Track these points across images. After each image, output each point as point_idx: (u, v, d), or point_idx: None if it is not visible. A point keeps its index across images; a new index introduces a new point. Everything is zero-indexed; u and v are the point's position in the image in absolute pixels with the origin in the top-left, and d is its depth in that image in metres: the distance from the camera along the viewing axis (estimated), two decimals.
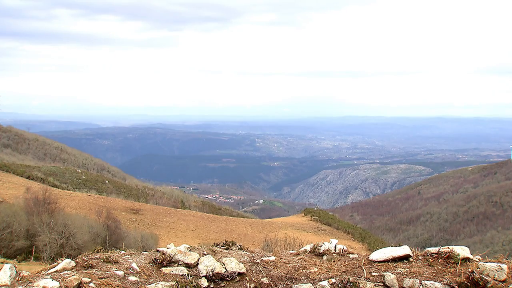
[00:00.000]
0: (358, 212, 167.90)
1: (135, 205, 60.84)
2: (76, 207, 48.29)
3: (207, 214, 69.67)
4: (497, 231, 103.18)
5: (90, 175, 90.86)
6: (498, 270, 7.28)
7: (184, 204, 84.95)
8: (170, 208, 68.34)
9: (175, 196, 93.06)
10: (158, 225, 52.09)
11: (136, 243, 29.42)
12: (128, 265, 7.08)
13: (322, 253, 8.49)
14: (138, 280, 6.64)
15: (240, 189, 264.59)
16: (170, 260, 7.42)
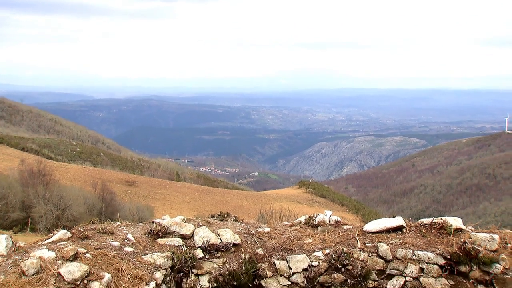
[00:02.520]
0: (353, 184, 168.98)
1: (130, 177, 60.99)
2: (71, 179, 48.34)
3: (202, 187, 69.98)
4: (489, 202, 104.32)
5: (85, 147, 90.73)
6: (490, 240, 7.36)
7: (179, 177, 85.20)
8: (166, 180, 68.57)
9: (170, 169, 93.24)
10: (153, 197, 52.30)
11: (132, 214, 29.60)
12: (123, 236, 7.10)
13: (317, 224, 8.54)
14: (134, 250, 6.67)
15: (235, 161, 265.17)
16: (165, 231, 7.45)
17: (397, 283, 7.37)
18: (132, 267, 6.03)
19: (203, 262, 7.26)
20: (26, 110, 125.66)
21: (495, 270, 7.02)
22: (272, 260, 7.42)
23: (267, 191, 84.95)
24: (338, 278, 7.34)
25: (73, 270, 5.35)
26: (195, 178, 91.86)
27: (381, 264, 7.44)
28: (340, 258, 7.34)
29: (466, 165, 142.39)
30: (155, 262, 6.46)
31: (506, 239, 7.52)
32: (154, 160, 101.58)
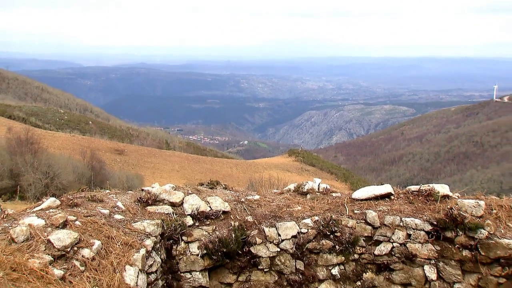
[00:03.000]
0: (342, 152, 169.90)
1: (120, 146, 60.80)
2: (60, 148, 48.08)
3: (192, 155, 70.02)
4: (476, 170, 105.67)
5: (73, 116, 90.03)
6: (476, 207, 7.47)
7: (168, 145, 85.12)
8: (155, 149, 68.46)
9: (159, 137, 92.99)
10: (143, 166, 52.30)
11: (122, 183, 29.63)
12: (113, 204, 7.12)
13: (306, 192, 8.60)
14: (124, 218, 6.69)
15: (225, 130, 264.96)
16: (155, 199, 7.48)
17: (384, 249, 7.50)
18: (122, 235, 6.06)
19: (193, 229, 7.31)
20: (12, 78, 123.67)
21: (480, 235, 7.15)
22: (261, 227, 7.49)
23: (256, 160, 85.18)
24: (327, 245, 7.44)
25: (63, 237, 5.36)
26: (184, 146, 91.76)
27: (369, 230, 7.54)
28: (328, 225, 7.42)
29: (454, 133, 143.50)
30: (145, 230, 6.50)
31: (491, 205, 7.64)
32: (143, 129, 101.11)
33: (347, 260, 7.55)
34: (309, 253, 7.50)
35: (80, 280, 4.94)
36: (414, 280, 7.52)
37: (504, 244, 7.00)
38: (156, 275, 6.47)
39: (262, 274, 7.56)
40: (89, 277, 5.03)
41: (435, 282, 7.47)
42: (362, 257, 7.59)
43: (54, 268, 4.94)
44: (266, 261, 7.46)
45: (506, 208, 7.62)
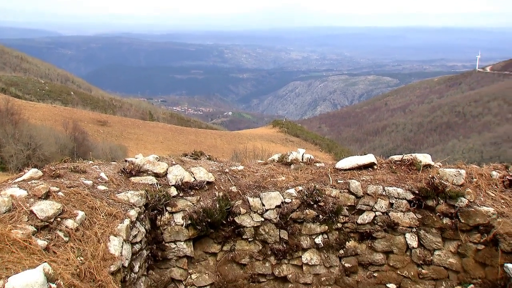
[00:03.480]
0: (326, 123, 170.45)
1: (102, 117, 60.22)
2: (41, 119, 47.44)
3: (176, 126, 69.70)
4: (458, 140, 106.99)
5: (54, 86, 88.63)
6: (457, 175, 7.59)
7: (152, 116, 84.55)
8: (138, 120, 67.96)
9: (143, 108, 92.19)
10: (126, 137, 51.95)
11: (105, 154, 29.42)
12: (96, 174, 7.07)
13: (290, 162, 8.63)
14: (107, 189, 6.66)
15: (209, 101, 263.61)
16: (139, 170, 7.44)
17: (367, 218, 7.60)
18: (106, 205, 6.04)
19: (177, 200, 7.33)
20: None
21: (460, 203, 7.28)
22: (245, 198, 7.53)
23: (241, 131, 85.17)
24: (310, 214, 7.51)
25: (46, 208, 5.33)
26: (168, 118, 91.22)
27: (352, 200, 7.62)
28: (312, 194, 7.48)
29: (437, 103, 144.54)
30: (129, 200, 6.48)
31: (472, 174, 7.76)
32: (126, 100, 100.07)
33: (331, 229, 7.65)
34: (293, 223, 7.57)
35: (64, 250, 4.94)
36: (396, 248, 7.66)
37: (483, 212, 7.14)
38: (141, 245, 6.50)
39: (246, 243, 7.64)
40: (73, 247, 5.03)
41: (416, 249, 7.63)
42: (345, 226, 7.68)
43: (38, 238, 4.92)
44: (250, 230, 7.53)
45: (486, 176, 7.75)
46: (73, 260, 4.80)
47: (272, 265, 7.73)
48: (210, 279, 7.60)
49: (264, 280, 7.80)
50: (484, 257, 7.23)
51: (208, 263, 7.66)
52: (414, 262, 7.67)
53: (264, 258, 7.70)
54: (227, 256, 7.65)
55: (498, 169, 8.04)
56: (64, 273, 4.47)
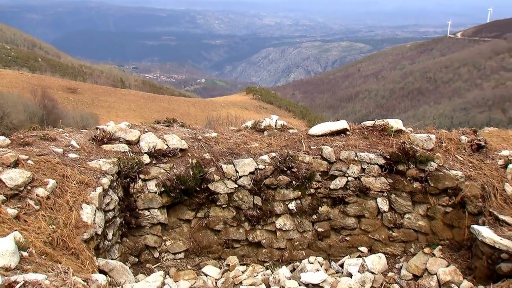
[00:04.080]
0: (300, 90, 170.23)
1: (72, 84, 58.92)
2: (8, 86, 46.10)
3: (148, 94, 68.79)
4: (429, 105, 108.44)
5: (21, 52, 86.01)
6: (427, 140, 7.72)
7: (124, 84, 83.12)
8: (110, 87, 66.75)
9: (114, 75, 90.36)
10: (97, 105, 51.07)
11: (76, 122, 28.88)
12: (67, 142, 6.95)
13: (263, 129, 8.63)
14: (78, 157, 6.57)
15: (181, 68, 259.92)
16: (110, 137, 7.34)
17: (339, 183, 7.70)
18: (77, 173, 5.97)
19: (150, 167, 7.28)
20: None
21: (430, 168, 7.43)
22: (219, 164, 7.53)
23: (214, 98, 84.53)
24: (284, 180, 7.57)
25: (15, 176, 5.24)
26: (140, 85, 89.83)
27: (325, 165, 7.69)
28: (285, 161, 7.52)
29: (409, 69, 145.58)
30: (101, 168, 6.41)
31: (441, 139, 7.90)
32: (96, 66, 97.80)
33: (304, 194, 7.74)
34: (266, 189, 7.63)
35: (35, 219, 4.89)
36: (368, 212, 7.81)
37: (452, 176, 7.31)
38: (114, 212, 6.47)
39: (220, 210, 7.68)
40: (44, 215, 4.98)
41: (387, 213, 7.79)
42: (318, 191, 7.78)
43: (7, 207, 4.85)
44: (224, 197, 7.56)
45: (455, 141, 7.90)
46: (45, 228, 4.76)
47: (246, 230, 7.81)
48: (185, 245, 7.64)
49: (238, 246, 7.89)
50: (452, 219, 7.44)
51: (182, 229, 7.69)
52: (385, 225, 7.85)
53: (238, 224, 7.77)
54: (201, 223, 7.69)
55: (466, 133, 8.20)
56: (36, 241, 4.43)
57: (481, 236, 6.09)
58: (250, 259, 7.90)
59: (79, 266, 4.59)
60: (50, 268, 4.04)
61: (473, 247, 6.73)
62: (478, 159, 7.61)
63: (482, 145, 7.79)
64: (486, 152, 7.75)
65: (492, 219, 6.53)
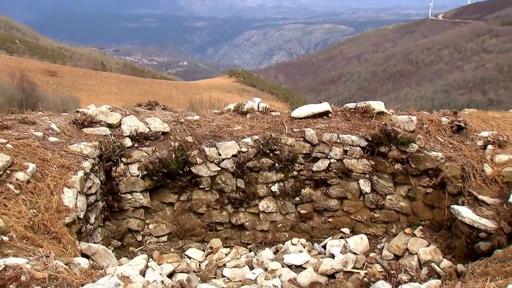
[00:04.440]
0: (282, 73, 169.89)
1: (52, 67, 57.93)
2: None
3: (129, 77, 68.00)
4: (411, 88, 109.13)
5: None
6: (408, 122, 7.78)
7: (105, 67, 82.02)
8: (91, 70, 65.77)
9: (94, 58, 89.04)
10: (78, 88, 50.34)
11: (56, 106, 28.41)
12: (47, 126, 6.85)
13: (246, 111, 8.61)
14: (59, 140, 6.48)
15: (163, 50, 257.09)
16: (91, 120, 7.26)
17: (322, 165, 7.74)
18: (58, 157, 5.90)
19: (132, 150, 7.23)
20: None
21: (411, 149, 7.50)
22: (201, 147, 7.51)
23: (196, 81, 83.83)
24: (266, 163, 7.58)
25: None
26: (121, 68, 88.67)
27: (308, 148, 7.72)
28: (268, 143, 7.53)
29: (391, 52, 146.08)
30: (82, 152, 6.34)
31: (422, 120, 7.97)
32: (76, 49, 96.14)
33: (286, 177, 7.77)
34: (249, 172, 7.64)
35: (16, 203, 4.83)
36: (350, 193, 7.88)
37: (432, 157, 7.39)
38: (96, 196, 6.43)
39: (203, 193, 7.68)
40: (25, 200, 4.92)
41: (369, 194, 7.87)
42: (301, 173, 7.82)
43: None
44: (207, 180, 7.55)
45: (435, 122, 7.98)
46: (26, 213, 4.71)
47: (229, 213, 7.83)
48: (168, 228, 7.64)
49: (222, 228, 7.92)
50: (432, 199, 7.54)
51: (165, 213, 7.68)
52: (367, 206, 7.94)
53: (221, 207, 7.79)
54: (184, 206, 7.69)
55: (447, 115, 8.28)
56: (16, 226, 4.39)
57: (461, 216, 6.19)
58: (234, 242, 7.94)
59: (61, 250, 4.56)
60: (31, 252, 4.02)
61: (453, 227, 6.84)
62: (458, 140, 7.71)
63: (462, 127, 7.88)
64: (466, 133, 7.84)
65: (471, 199, 6.63)
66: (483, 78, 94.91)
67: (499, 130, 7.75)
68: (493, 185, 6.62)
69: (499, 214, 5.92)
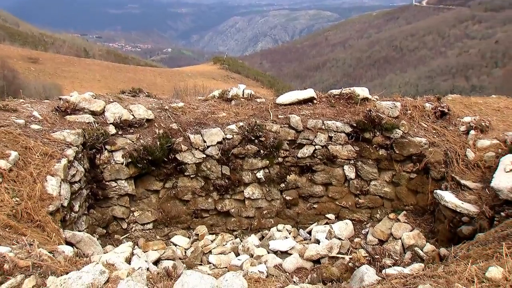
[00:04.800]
0: (267, 59, 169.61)
1: (33, 54, 57.13)
2: None
3: (113, 64, 67.36)
4: (395, 74, 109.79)
5: None
6: (392, 108, 7.81)
7: (87, 53, 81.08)
8: (73, 57, 65.01)
9: (77, 45, 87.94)
10: (60, 75, 49.73)
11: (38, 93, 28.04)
12: (29, 113, 6.74)
13: (231, 98, 8.58)
14: (42, 128, 6.39)
15: (147, 37, 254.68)
16: (74, 108, 7.16)
17: (307, 151, 7.76)
18: (40, 145, 5.82)
19: (116, 138, 7.17)
20: None
21: (395, 135, 7.55)
22: (186, 135, 7.47)
23: (181, 68, 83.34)
24: (252, 150, 7.58)
25: None
26: (105, 55, 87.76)
27: (293, 134, 7.73)
28: (253, 130, 7.52)
29: (375, 38, 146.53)
30: (65, 139, 6.27)
31: (406, 106, 8.02)
32: (58, 35, 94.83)
33: (272, 163, 7.78)
34: (234, 158, 7.63)
35: None
36: (335, 179, 7.92)
37: (416, 142, 7.46)
38: (80, 184, 6.38)
39: (188, 180, 7.66)
40: (7, 188, 4.86)
41: (353, 180, 7.92)
42: (286, 160, 7.83)
43: None
44: (192, 167, 7.53)
45: (419, 108, 8.04)
46: (8, 201, 4.66)
47: (215, 200, 7.83)
48: (153, 216, 7.63)
49: (207, 215, 7.92)
50: (416, 185, 7.62)
51: (150, 200, 7.66)
52: (351, 192, 7.99)
53: (206, 194, 7.78)
54: (170, 193, 7.67)
55: (430, 100, 8.34)
56: None
57: (444, 201, 6.26)
58: (219, 228, 7.96)
59: (45, 238, 4.53)
60: (14, 240, 3.98)
61: (436, 212, 6.92)
62: (441, 126, 7.77)
63: (445, 112, 7.94)
64: (449, 119, 7.91)
65: (454, 184, 6.71)
66: (466, 64, 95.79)
67: (482, 116, 7.83)
68: (476, 169, 6.70)
69: (481, 199, 5.99)
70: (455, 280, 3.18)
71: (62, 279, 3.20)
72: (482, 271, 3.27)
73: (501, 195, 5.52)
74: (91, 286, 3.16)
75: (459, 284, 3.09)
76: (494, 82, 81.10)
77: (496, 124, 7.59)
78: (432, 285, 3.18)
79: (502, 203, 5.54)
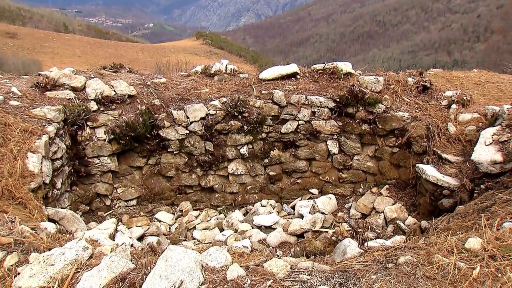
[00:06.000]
0: (250, 35, 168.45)
1: (11, 29, 55.89)
2: None
3: (94, 39, 66.25)
4: (378, 49, 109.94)
5: None
6: (375, 82, 7.83)
7: (67, 28, 79.55)
8: (52, 32, 63.75)
9: (56, 19, 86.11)
10: (40, 51, 48.79)
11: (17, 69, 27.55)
12: (7, 89, 6.62)
13: (213, 73, 8.51)
14: (21, 104, 6.28)
15: (128, 12, 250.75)
16: (54, 84, 7.04)
17: (290, 127, 7.76)
18: (20, 121, 5.73)
19: (98, 114, 7.09)
20: None
21: (378, 110, 7.58)
22: (169, 111, 7.42)
23: (163, 43, 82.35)
24: (235, 125, 7.56)
25: None
26: (85, 30, 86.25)
27: (276, 110, 7.71)
28: (236, 106, 7.49)
29: (359, 12, 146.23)
30: (45, 116, 6.18)
31: (389, 81, 8.03)
32: (36, 10, 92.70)
33: (255, 139, 7.77)
34: (218, 134, 7.61)
35: None
36: (318, 154, 7.96)
37: (399, 117, 7.50)
38: (62, 161, 6.31)
39: (172, 156, 7.63)
40: None
41: (337, 155, 7.97)
42: (270, 135, 7.83)
43: None
44: (175, 143, 7.50)
45: (402, 82, 8.06)
46: None
47: (199, 176, 7.83)
48: (137, 192, 7.61)
49: (191, 191, 7.92)
50: (398, 159, 7.69)
51: (134, 177, 7.63)
52: (335, 167, 8.05)
53: (190, 170, 7.77)
54: (153, 170, 7.64)
55: (413, 75, 8.37)
56: None
57: (425, 174, 6.33)
58: (203, 204, 7.97)
59: (27, 215, 4.49)
60: None
61: (418, 185, 7.01)
62: (423, 100, 7.82)
63: (427, 87, 7.99)
64: (431, 93, 7.95)
65: (435, 158, 6.78)
66: (448, 38, 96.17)
67: (463, 90, 7.88)
68: (457, 143, 6.77)
69: (461, 172, 6.07)
70: (435, 251, 3.24)
71: (45, 255, 3.19)
72: (461, 242, 3.33)
73: (481, 168, 5.59)
74: (74, 262, 3.15)
75: (439, 255, 3.15)
76: (476, 56, 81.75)
77: (477, 98, 7.65)
78: (413, 256, 3.23)
79: (482, 176, 5.62)
